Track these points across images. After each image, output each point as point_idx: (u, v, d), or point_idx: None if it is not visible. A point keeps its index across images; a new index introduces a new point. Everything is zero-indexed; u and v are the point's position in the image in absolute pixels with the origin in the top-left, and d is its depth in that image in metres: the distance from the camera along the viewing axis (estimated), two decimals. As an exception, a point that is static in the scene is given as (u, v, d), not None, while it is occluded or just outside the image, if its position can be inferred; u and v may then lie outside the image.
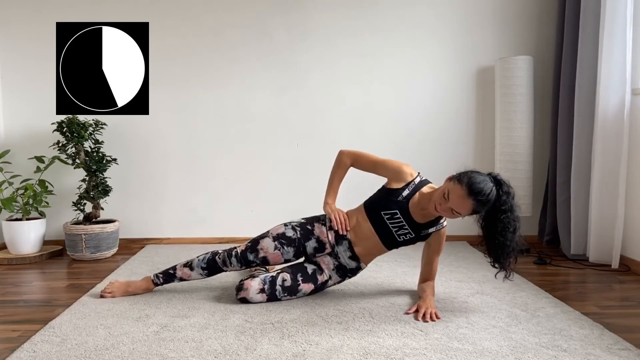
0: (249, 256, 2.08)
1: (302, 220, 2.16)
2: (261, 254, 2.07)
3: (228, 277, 2.44)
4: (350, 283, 2.33)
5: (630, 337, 1.68)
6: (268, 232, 2.13)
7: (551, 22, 3.31)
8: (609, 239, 2.68)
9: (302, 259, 2.16)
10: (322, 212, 2.17)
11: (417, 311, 1.91)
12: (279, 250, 2.07)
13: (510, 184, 1.87)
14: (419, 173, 2.08)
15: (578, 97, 2.80)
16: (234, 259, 2.08)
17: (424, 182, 2.05)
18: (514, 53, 3.30)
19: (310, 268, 2.10)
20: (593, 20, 2.73)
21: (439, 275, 2.46)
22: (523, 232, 3.30)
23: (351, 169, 2.17)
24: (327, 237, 2.09)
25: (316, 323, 1.82)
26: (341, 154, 2.15)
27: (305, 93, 3.38)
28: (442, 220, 2.07)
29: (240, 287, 2.04)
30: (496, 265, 1.91)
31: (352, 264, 2.11)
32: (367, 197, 2.14)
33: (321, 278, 2.10)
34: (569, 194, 2.91)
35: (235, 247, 2.12)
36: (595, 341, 1.64)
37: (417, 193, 2.01)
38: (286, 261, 2.12)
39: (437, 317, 1.85)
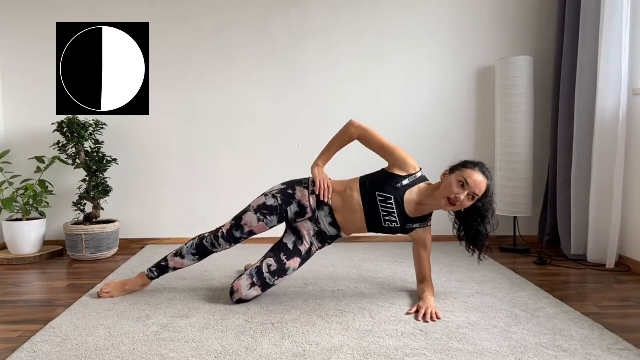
0: (235, 233, 2.08)
1: (282, 186, 2.15)
2: (246, 229, 2.08)
3: (228, 278, 2.44)
4: (350, 283, 2.34)
5: (630, 337, 1.68)
6: (249, 205, 2.12)
7: (551, 22, 3.31)
8: (607, 238, 2.68)
9: (282, 226, 2.16)
10: (306, 176, 2.17)
11: (417, 311, 1.91)
12: (263, 221, 2.07)
13: None
14: (420, 169, 2.08)
15: (578, 97, 2.80)
16: (221, 239, 2.09)
17: (423, 178, 2.06)
18: (514, 53, 3.30)
19: (290, 242, 2.10)
20: (593, 21, 2.74)
21: (439, 275, 2.46)
22: (523, 232, 3.34)
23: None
24: (309, 200, 2.08)
25: (316, 323, 1.82)
26: (350, 123, 2.09)
27: (306, 93, 3.38)
28: (428, 220, 2.09)
29: (232, 290, 2.04)
30: (474, 248, 2.04)
31: (332, 231, 2.11)
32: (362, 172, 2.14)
33: (303, 247, 2.10)
34: (569, 194, 2.91)
35: (220, 228, 2.12)
36: (595, 341, 1.64)
37: (416, 187, 2.02)
38: (271, 227, 2.11)
39: (438, 317, 1.86)
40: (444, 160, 3.30)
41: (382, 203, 2.00)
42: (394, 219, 2.01)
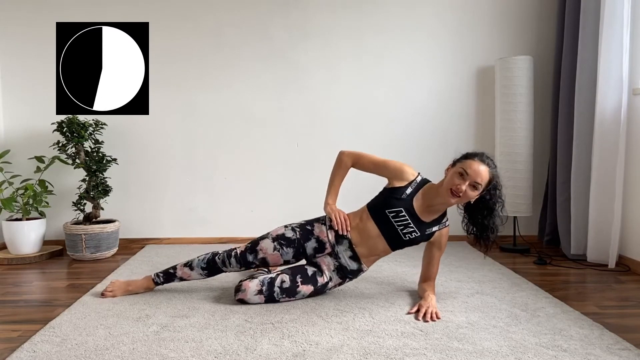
0: (248, 257, 2.08)
1: (302, 222, 2.16)
2: (260, 255, 2.08)
3: (228, 278, 2.44)
4: (350, 283, 2.33)
5: (630, 337, 1.68)
6: (268, 233, 2.13)
7: (551, 22, 3.31)
8: (607, 238, 2.68)
9: (302, 262, 2.16)
10: (323, 214, 2.17)
11: (418, 311, 1.91)
12: (278, 251, 2.07)
13: None
14: (419, 173, 2.08)
15: (578, 97, 2.80)
16: (233, 260, 2.08)
17: (425, 181, 2.06)
18: (514, 53, 3.30)
19: (310, 270, 2.09)
20: (593, 20, 2.74)
21: (439, 275, 2.46)
22: (523, 232, 3.34)
23: (352, 170, 2.16)
24: (327, 236, 2.09)
25: (316, 323, 1.82)
26: (342, 154, 2.15)
27: (306, 93, 3.38)
28: (444, 220, 2.08)
29: (238, 288, 2.04)
30: (481, 242, 2.04)
31: (353, 265, 2.11)
32: (367, 199, 2.14)
33: (321, 280, 2.09)
34: (569, 194, 2.91)
35: (235, 248, 2.12)
36: (595, 341, 1.64)
37: (421, 191, 2.02)
38: (285, 262, 2.12)
39: (438, 317, 1.86)
40: (444, 160, 3.31)
41: (395, 218, 2.01)
42: (411, 229, 2.02)
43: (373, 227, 2.05)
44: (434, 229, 2.06)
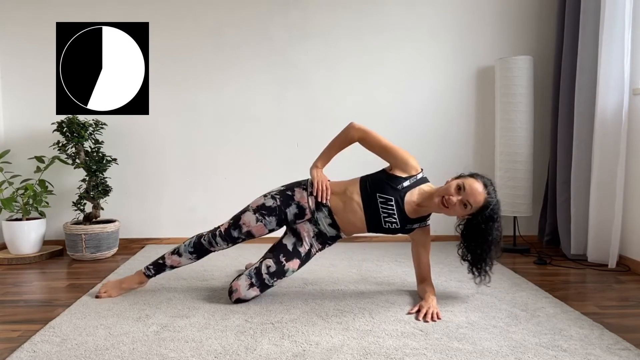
0: (232, 233, 2.08)
1: (282, 187, 2.15)
2: (244, 229, 2.07)
3: (228, 278, 2.44)
4: (350, 283, 2.33)
5: (630, 337, 1.68)
6: (248, 205, 2.12)
7: (551, 22, 3.31)
8: (608, 239, 2.68)
9: (282, 230, 2.16)
10: (305, 178, 2.17)
11: (419, 311, 1.91)
12: (261, 221, 2.06)
13: None
14: (422, 169, 2.08)
15: (578, 96, 2.80)
16: (219, 238, 2.09)
17: (424, 180, 2.06)
18: (514, 53, 3.30)
19: (290, 244, 2.09)
20: (593, 20, 2.74)
21: (439, 275, 2.46)
22: (523, 232, 3.34)
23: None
24: (308, 202, 2.08)
25: (316, 323, 1.82)
26: (351, 126, 2.09)
27: (306, 93, 3.38)
28: (427, 219, 2.09)
29: (231, 290, 2.04)
30: (474, 272, 2.02)
31: (332, 232, 2.11)
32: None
33: (303, 249, 2.09)
34: (569, 194, 2.91)
35: (218, 227, 2.12)
36: (595, 341, 1.64)
37: (417, 188, 2.02)
38: (270, 231, 2.11)
39: (439, 317, 1.86)
40: (443, 160, 3.35)
41: (383, 205, 2.00)
42: (394, 220, 2.01)
43: (358, 202, 2.03)
44: (415, 226, 2.06)
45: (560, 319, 1.85)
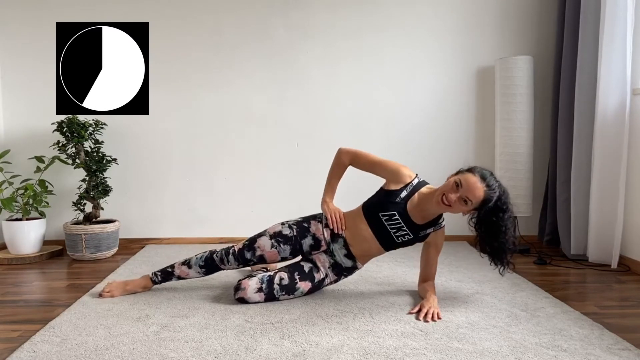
0: (246, 254, 2.09)
1: (299, 219, 2.17)
2: (258, 252, 2.08)
3: (228, 278, 2.44)
4: (350, 283, 2.33)
5: (630, 337, 1.68)
6: (265, 230, 2.14)
7: (551, 22, 3.31)
8: (608, 239, 2.68)
9: (299, 258, 2.17)
10: (320, 211, 2.17)
11: (419, 311, 1.91)
12: (276, 248, 2.08)
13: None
14: (417, 175, 2.08)
15: (578, 97, 2.80)
16: (231, 257, 2.09)
17: (422, 184, 2.05)
18: (514, 53, 3.30)
19: (307, 267, 2.11)
20: (593, 20, 2.73)
21: (439, 275, 2.46)
22: (523, 232, 3.34)
23: (352, 170, 2.16)
24: (323, 234, 2.10)
25: (316, 323, 1.82)
26: (340, 152, 2.15)
27: (306, 93, 3.38)
28: (440, 221, 2.08)
29: (238, 287, 2.04)
30: (497, 262, 1.98)
31: (348, 263, 2.12)
32: (365, 197, 2.14)
33: (318, 276, 2.10)
34: (569, 194, 2.91)
35: (232, 246, 2.13)
36: (595, 341, 1.64)
37: (416, 194, 2.01)
38: (283, 259, 2.13)
39: (439, 317, 1.86)
40: (443, 160, 3.35)
41: (388, 222, 2.01)
42: (405, 232, 2.02)
43: (366, 229, 2.05)
44: (429, 231, 2.06)
45: (560, 319, 1.85)
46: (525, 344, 1.62)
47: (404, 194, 2.01)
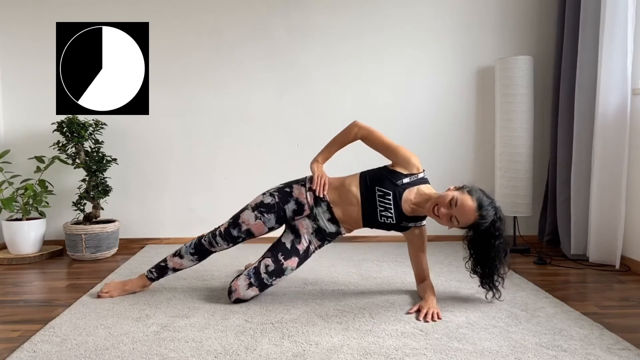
0: (232, 232, 2.08)
1: (281, 185, 2.16)
2: (244, 227, 2.08)
3: (228, 278, 2.44)
4: (350, 283, 2.33)
5: (630, 337, 1.68)
6: (247, 204, 2.13)
7: (551, 22, 3.31)
8: (609, 239, 2.68)
9: (282, 230, 2.16)
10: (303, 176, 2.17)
11: (419, 311, 1.91)
12: (260, 219, 2.07)
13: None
14: (424, 170, 2.08)
15: (578, 97, 2.80)
16: (219, 238, 2.09)
17: (424, 180, 2.06)
18: (514, 53, 3.30)
19: (288, 242, 2.09)
20: (593, 20, 2.73)
21: (438, 275, 2.46)
22: (523, 232, 3.34)
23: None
24: (306, 197, 2.08)
25: (316, 323, 1.82)
26: (354, 124, 2.11)
27: (306, 93, 3.38)
28: (422, 220, 2.09)
29: (230, 290, 2.04)
30: (486, 286, 2.01)
31: (332, 228, 2.10)
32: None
33: (301, 247, 2.08)
34: (569, 194, 2.91)
35: (218, 227, 2.12)
36: (595, 341, 1.64)
37: (416, 187, 2.01)
38: (270, 229, 2.11)
39: (439, 317, 1.86)
40: (443, 160, 3.35)
41: (381, 198, 2.01)
42: (390, 215, 2.01)
43: (355, 195, 2.04)
44: (410, 224, 2.06)
45: (560, 319, 1.85)
46: (525, 344, 1.62)
47: (406, 180, 2.01)
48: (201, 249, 2.12)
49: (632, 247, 2.65)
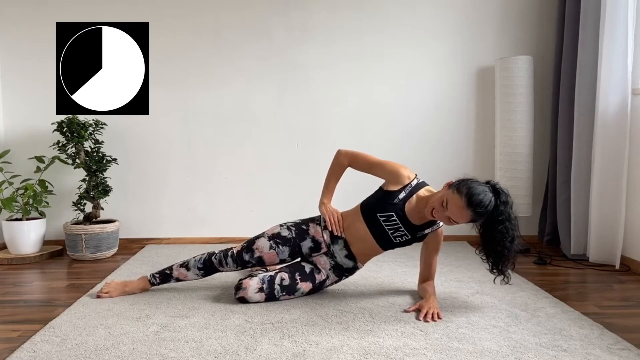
0: (244, 256, 2.09)
1: (298, 221, 2.17)
2: (257, 254, 2.08)
3: (228, 278, 2.44)
4: (350, 283, 2.33)
5: (630, 337, 1.68)
6: (264, 232, 2.14)
7: (551, 22, 3.31)
8: (609, 239, 2.68)
9: (298, 259, 2.17)
10: (318, 213, 2.17)
11: (419, 311, 1.91)
12: (274, 249, 2.08)
13: (509, 192, 1.88)
14: (416, 175, 2.07)
15: (578, 96, 2.80)
16: (229, 259, 2.09)
17: (421, 185, 2.05)
18: (514, 53, 3.30)
19: (308, 267, 2.11)
20: (593, 20, 2.73)
21: (438, 275, 2.46)
22: (523, 232, 3.31)
23: (352, 171, 2.16)
24: (322, 236, 2.10)
25: (316, 323, 1.82)
26: (339, 154, 2.15)
27: (306, 93, 3.38)
28: (438, 222, 2.07)
29: (239, 287, 2.04)
30: (495, 271, 1.95)
31: (349, 263, 2.12)
32: (364, 197, 2.14)
33: (319, 277, 2.10)
34: (569, 194, 2.91)
35: (231, 248, 2.13)
36: (595, 341, 1.64)
37: (415, 196, 2.01)
38: (281, 261, 2.13)
39: (440, 317, 1.85)
40: (443, 160, 3.35)
41: (386, 222, 2.01)
42: (402, 232, 2.02)
43: (364, 228, 2.05)
44: (427, 231, 2.06)
45: (560, 319, 1.85)
46: (525, 344, 1.62)
47: (402, 195, 2.01)
48: (210, 266, 2.12)
49: (632, 247, 2.65)
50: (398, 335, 1.69)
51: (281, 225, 2.14)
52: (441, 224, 2.08)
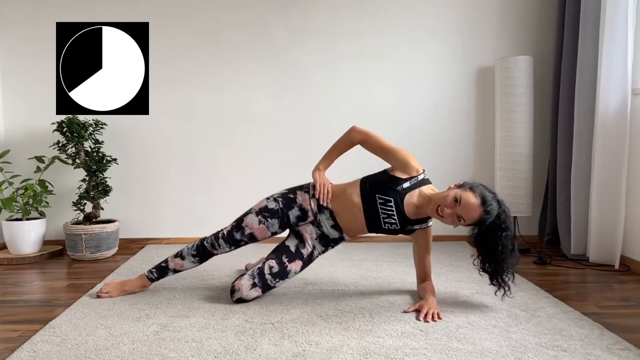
0: (235, 235, 2.09)
1: (284, 191, 2.16)
2: (247, 231, 2.08)
3: (228, 277, 2.44)
4: (350, 283, 2.33)
5: (630, 337, 1.68)
6: (251, 208, 2.13)
7: (551, 22, 3.31)
8: (609, 239, 2.68)
9: (285, 234, 2.17)
10: (306, 182, 2.17)
11: (419, 311, 1.90)
12: (264, 224, 2.08)
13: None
14: (424, 170, 2.07)
15: (578, 96, 2.80)
16: (221, 241, 2.10)
17: (425, 181, 2.05)
18: (514, 53, 3.30)
19: (292, 246, 2.11)
20: (593, 20, 2.73)
21: (438, 275, 2.46)
22: (523, 232, 3.34)
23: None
24: (310, 204, 2.09)
25: (316, 323, 1.82)
26: (352, 129, 2.13)
27: (306, 93, 3.38)
28: (428, 220, 2.08)
29: (233, 290, 2.04)
30: (494, 282, 1.95)
31: (335, 234, 2.12)
32: (362, 174, 2.14)
33: (305, 251, 2.10)
34: (569, 194, 2.91)
35: (221, 230, 2.13)
36: (595, 341, 1.64)
37: (417, 190, 2.01)
38: (273, 234, 2.12)
39: (440, 317, 1.85)
40: (444, 160, 3.35)
41: (382, 206, 2.00)
42: (393, 221, 2.01)
43: (357, 204, 2.03)
44: (416, 227, 2.06)
45: (560, 319, 1.85)
46: (525, 344, 1.62)
47: (406, 184, 2.00)
48: (203, 251, 2.12)
49: (632, 247, 2.65)
50: (398, 335, 1.70)
51: (267, 198, 2.13)
52: (430, 223, 2.08)
